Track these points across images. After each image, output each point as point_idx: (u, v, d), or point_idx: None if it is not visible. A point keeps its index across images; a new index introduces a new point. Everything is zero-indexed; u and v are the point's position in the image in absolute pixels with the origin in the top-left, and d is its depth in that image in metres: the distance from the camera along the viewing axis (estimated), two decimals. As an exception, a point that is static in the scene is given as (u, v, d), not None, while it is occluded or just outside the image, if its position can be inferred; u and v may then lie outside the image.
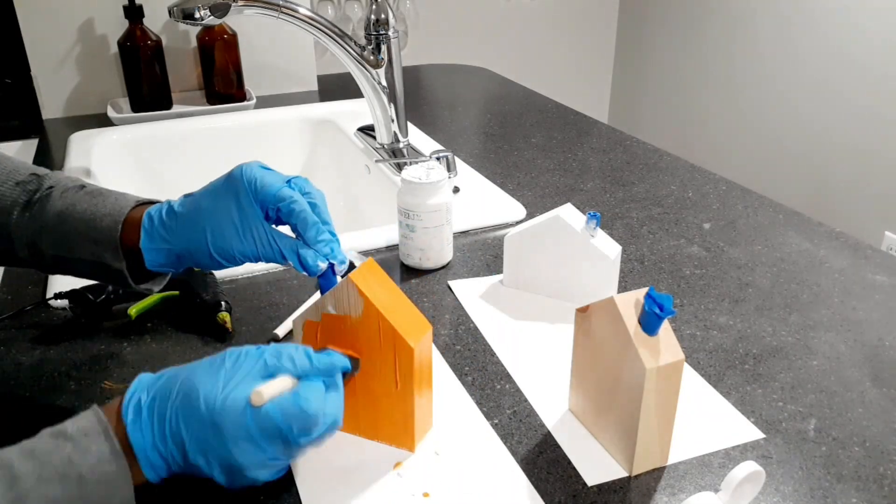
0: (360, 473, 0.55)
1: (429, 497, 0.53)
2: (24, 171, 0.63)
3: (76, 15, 1.35)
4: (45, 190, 0.61)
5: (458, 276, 0.83)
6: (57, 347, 0.70)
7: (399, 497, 0.53)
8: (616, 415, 0.55)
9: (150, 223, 0.59)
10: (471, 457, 0.57)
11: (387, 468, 0.56)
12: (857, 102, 2.25)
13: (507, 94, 1.57)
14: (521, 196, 1.02)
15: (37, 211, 0.60)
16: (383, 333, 0.54)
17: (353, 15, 2.51)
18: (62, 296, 0.73)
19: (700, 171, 1.12)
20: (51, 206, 0.60)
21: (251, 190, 0.57)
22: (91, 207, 0.59)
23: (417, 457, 0.57)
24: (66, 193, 0.61)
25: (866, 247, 0.88)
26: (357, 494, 0.53)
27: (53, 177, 0.63)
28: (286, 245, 0.58)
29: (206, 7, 0.87)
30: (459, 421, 0.61)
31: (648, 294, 0.51)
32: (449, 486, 0.54)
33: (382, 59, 1.07)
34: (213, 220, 0.58)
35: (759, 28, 2.55)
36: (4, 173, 0.62)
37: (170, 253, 0.59)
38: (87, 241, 0.59)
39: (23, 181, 0.61)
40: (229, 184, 0.58)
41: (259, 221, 0.57)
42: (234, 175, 0.58)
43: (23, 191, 0.61)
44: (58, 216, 0.59)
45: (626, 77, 3.27)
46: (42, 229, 0.60)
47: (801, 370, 0.67)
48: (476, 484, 0.54)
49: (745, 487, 0.48)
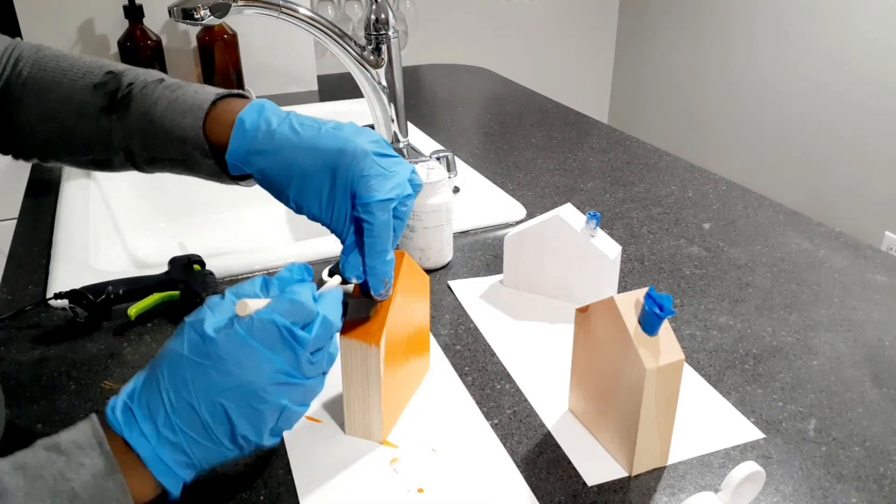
0: (356, 469, 0.55)
1: (423, 493, 0.53)
2: (99, 70, 0.61)
3: (76, 15, 1.35)
4: (126, 88, 0.59)
5: (458, 276, 0.83)
6: (57, 347, 0.70)
7: (394, 492, 0.53)
8: (616, 415, 0.55)
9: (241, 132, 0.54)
10: (467, 454, 0.57)
11: (383, 464, 0.56)
12: (858, 102, 2.25)
13: (507, 94, 1.57)
14: (521, 196, 1.02)
15: (122, 113, 0.58)
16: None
17: (353, 15, 2.51)
18: (62, 296, 0.73)
19: (700, 171, 1.12)
20: (134, 105, 0.58)
21: (352, 183, 0.52)
22: (171, 104, 0.57)
23: (413, 453, 0.57)
24: (146, 90, 0.59)
25: (866, 247, 0.88)
26: (352, 489, 0.53)
27: (131, 72, 0.60)
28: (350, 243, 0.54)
29: (206, 7, 0.87)
30: (457, 419, 0.61)
31: (648, 294, 0.51)
32: (443, 482, 0.54)
33: (382, 59, 1.07)
34: (304, 179, 0.53)
35: (758, 28, 2.55)
36: (80, 77, 0.60)
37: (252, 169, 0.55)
38: (174, 140, 0.57)
39: (100, 83, 0.60)
40: (337, 160, 0.52)
41: (346, 209, 0.53)
42: (346, 157, 0.52)
43: (102, 94, 0.59)
44: (142, 116, 0.58)
45: (626, 77, 3.27)
46: (131, 132, 0.58)
47: (801, 370, 0.67)
48: (470, 480, 0.55)
49: (745, 487, 0.48)
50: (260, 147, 0.54)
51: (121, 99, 0.59)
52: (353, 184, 0.52)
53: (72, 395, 0.63)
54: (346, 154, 0.52)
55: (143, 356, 0.69)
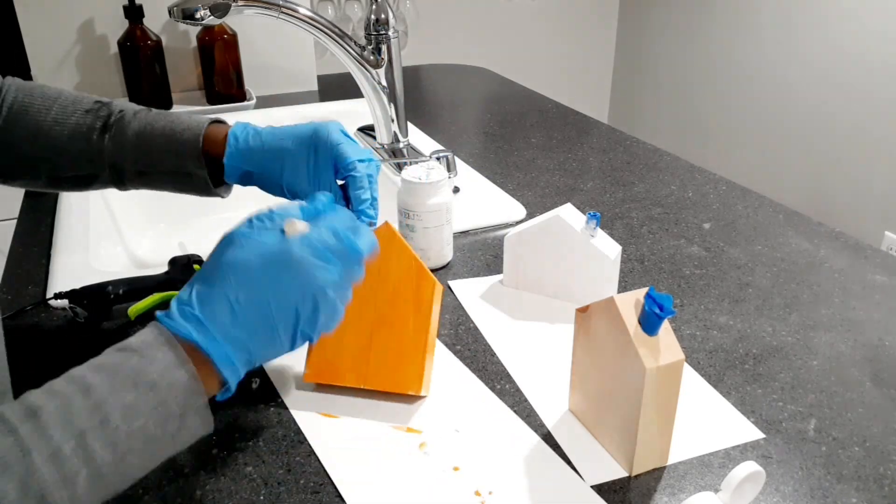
0: (388, 458, 0.56)
1: (459, 470, 0.55)
2: (87, 100, 0.70)
3: (76, 15, 1.35)
4: (118, 114, 0.69)
5: (458, 276, 0.83)
6: (57, 347, 0.70)
7: (431, 473, 0.55)
8: (616, 415, 0.55)
9: (235, 142, 0.68)
10: (490, 431, 0.59)
11: (412, 449, 0.57)
12: (858, 102, 2.26)
13: (507, 94, 1.57)
14: (521, 196, 1.02)
15: (115, 133, 0.68)
16: (409, 269, 0.60)
17: (353, 15, 2.51)
18: (62, 296, 0.73)
19: (700, 171, 1.12)
20: (129, 127, 0.68)
21: (331, 153, 0.66)
22: (170, 124, 0.68)
23: (438, 435, 0.58)
24: (139, 115, 0.69)
25: (866, 247, 0.88)
26: (391, 476, 0.55)
27: (118, 102, 0.71)
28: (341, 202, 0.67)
29: (206, 7, 0.87)
30: (472, 401, 0.63)
31: (648, 294, 0.51)
32: (476, 458, 0.56)
33: (382, 59, 1.07)
34: (294, 161, 0.66)
35: (758, 28, 2.55)
36: (70, 104, 0.69)
37: (247, 173, 0.68)
38: (170, 154, 0.68)
39: (91, 109, 0.69)
40: (314, 138, 0.66)
41: (330, 176, 0.66)
42: (320, 133, 0.66)
43: (95, 117, 0.69)
44: (137, 135, 0.68)
45: (626, 77, 3.27)
46: (123, 149, 0.68)
47: (801, 370, 0.67)
48: (501, 454, 0.56)
49: (745, 487, 0.48)
50: (252, 146, 0.68)
51: (115, 121, 0.69)
52: (333, 152, 0.65)
53: (72, 395, 0.63)
54: (319, 133, 0.66)
55: (143, 356, 0.69)
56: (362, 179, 0.65)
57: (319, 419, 0.60)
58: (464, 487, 0.53)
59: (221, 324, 0.46)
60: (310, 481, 0.54)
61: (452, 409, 0.62)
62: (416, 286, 0.61)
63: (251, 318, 0.46)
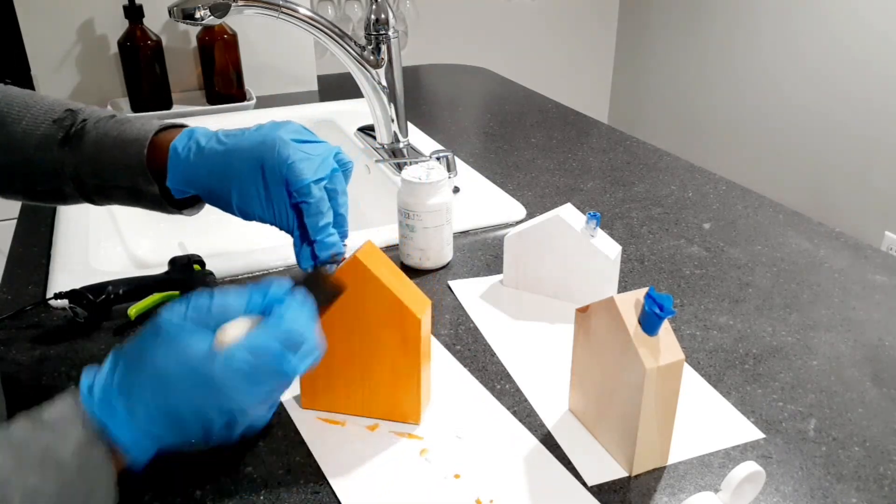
0: (389, 465, 0.56)
1: (460, 478, 0.54)
2: (59, 108, 0.65)
3: (76, 15, 1.35)
4: (80, 123, 0.63)
5: (458, 276, 0.83)
6: (57, 347, 0.70)
7: (432, 481, 0.54)
8: (616, 415, 0.55)
9: (176, 158, 0.60)
10: (492, 438, 0.58)
11: (413, 456, 0.57)
12: (858, 102, 2.26)
13: (507, 94, 1.57)
14: (521, 196, 1.02)
15: (74, 144, 0.62)
16: (390, 308, 0.56)
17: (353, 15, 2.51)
18: (62, 296, 0.73)
19: (700, 171, 1.12)
20: (87, 137, 0.62)
21: (281, 173, 0.57)
22: (121, 135, 0.62)
23: (440, 442, 0.58)
24: (98, 123, 0.63)
25: (866, 247, 0.88)
26: (391, 484, 0.54)
27: (87, 110, 0.65)
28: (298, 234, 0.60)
29: (206, 7, 0.87)
30: (473, 407, 0.62)
31: (648, 294, 0.51)
32: (477, 466, 0.56)
33: (382, 59, 1.07)
34: (240, 183, 0.58)
35: (759, 28, 2.55)
36: (41, 113, 0.64)
37: (196, 189, 0.61)
38: (120, 167, 0.61)
39: (59, 118, 0.63)
40: (260, 155, 0.58)
41: (283, 201, 0.58)
42: (267, 147, 0.58)
43: (59, 127, 0.63)
44: (93, 146, 0.62)
45: (626, 77, 3.28)
46: (81, 161, 0.62)
47: (801, 370, 0.67)
48: (502, 462, 0.56)
49: (745, 487, 0.48)
50: (194, 166, 0.59)
51: (74, 133, 0.63)
52: (282, 171, 0.57)
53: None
54: (266, 145, 0.57)
55: (143, 356, 0.69)
56: (318, 204, 0.58)
57: (320, 424, 0.60)
58: (465, 495, 0.53)
59: (137, 417, 0.44)
60: (310, 481, 0.54)
61: (454, 415, 0.61)
62: (399, 322, 0.56)
63: (166, 420, 0.45)
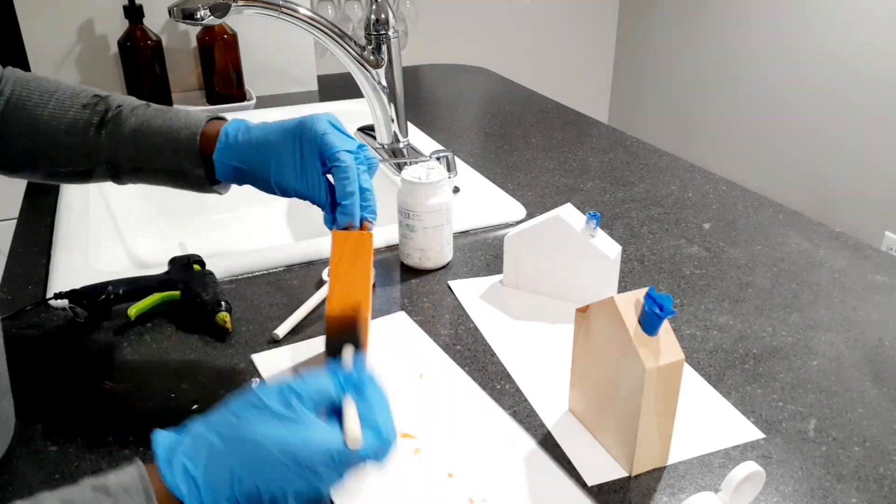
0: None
1: (453, 477, 0.55)
2: (85, 93, 0.70)
3: (76, 15, 1.35)
4: (115, 109, 0.68)
5: (458, 276, 0.83)
6: (57, 347, 0.70)
7: (425, 480, 0.54)
8: (616, 415, 0.55)
9: (225, 139, 0.66)
10: (485, 437, 0.59)
11: (407, 454, 0.57)
12: (858, 102, 2.25)
13: (507, 94, 1.57)
14: (521, 196, 1.02)
15: (111, 129, 0.68)
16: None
17: (353, 15, 2.51)
18: (62, 296, 0.73)
19: (700, 171, 1.12)
20: (125, 123, 0.68)
21: (316, 143, 0.64)
22: (167, 122, 0.68)
23: (434, 441, 0.58)
24: (136, 111, 0.69)
25: (866, 247, 0.88)
26: (384, 482, 0.54)
27: (117, 96, 0.70)
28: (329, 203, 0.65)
29: (206, 7, 0.87)
30: (467, 406, 0.62)
31: (648, 294, 0.51)
32: (470, 465, 0.56)
33: (382, 59, 1.07)
34: (279, 156, 0.65)
35: (759, 28, 2.55)
36: (67, 98, 0.69)
37: (237, 169, 0.66)
38: (167, 151, 0.67)
39: (89, 103, 0.69)
40: (299, 130, 0.65)
41: (317, 171, 0.64)
42: (306, 124, 0.65)
43: (92, 112, 0.68)
44: (134, 132, 0.67)
45: (626, 77, 3.27)
46: (119, 145, 0.68)
47: (801, 370, 0.67)
48: (495, 461, 0.56)
49: (745, 487, 0.48)
50: (241, 142, 0.66)
51: (111, 117, 0.68)
52: (318, 143, 0.63)
53: (72, 396, 0.63)
54: (305, 124, 0.65)
55: (143, 356, 0.69)
56: (347, 169, 0.63)
57: None
58: (458, 494, 0.53)
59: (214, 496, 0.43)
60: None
61: (449, 414, 0.61)
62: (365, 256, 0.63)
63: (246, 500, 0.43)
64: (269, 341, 0.71)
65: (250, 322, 0.74)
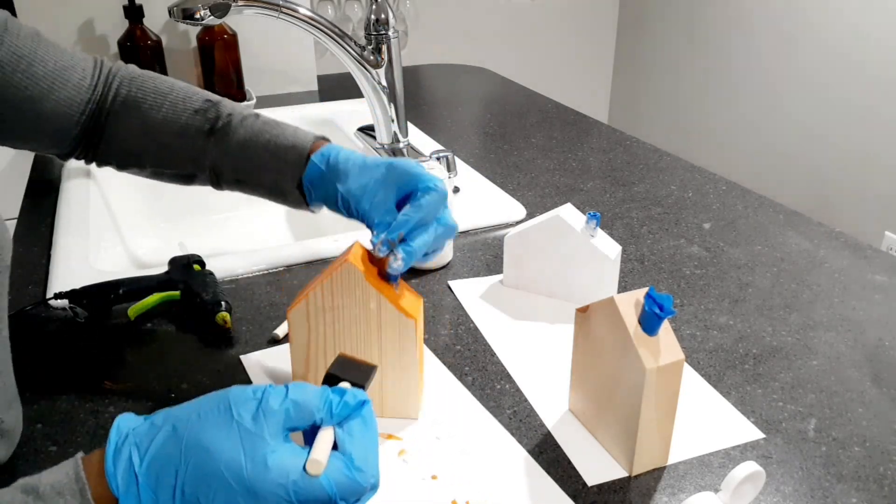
0: None
1: (437, 479, 0.54)
2: (197, 97, 0.70)
3: (76, 15, 1.35)
4: (226, 118, 0.69)
5: (458, 276, 0.83)
6: (57, 347, 0.70)
7: (409, 482, 0.54)
8: (616, 415, 0.55)
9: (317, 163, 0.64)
10: (471, 441, 0.58)
11: (391, 456, 0.57)
12: (857, 102, 2.26)
13: (507, 94, 1.57)
14: (521, 196, 1.02)
15: (220, 137, 0.68)
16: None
17: (353, 15, 2.51)
18: (62, 296, 0.73)
19: (700, 171, 1.12)
20: (233, 134, 0.68)
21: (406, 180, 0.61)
22: (274, 139, 0.67)
23: (419, 443, 0.58)
24: (245, 122, 0.68)
25: (866, 247, 0.88)
26: None
27: (227, 104, 0.71)
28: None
29: (206, 7, 0.87)
30: (455, 409, 0.62)
31: (648, 294, 0.51)
32: (454, 468, 0.56)
33: (382, 59, 1.07)
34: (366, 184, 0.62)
35: (759, 28, 2.55)
36: (179, 101, 0.70)
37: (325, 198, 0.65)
38: (271, 169, 0.67)
39: (201, 109, 0.69)
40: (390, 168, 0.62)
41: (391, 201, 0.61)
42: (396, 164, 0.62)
43: (204, 118, 0.69)
44: (241, 145, 0.67)
45: (626, 77, 3.27)
46: (225, 155, 0.68)
47: (801, 370, 0.67)
48: (479, 465, 0.56)
49: (745, 487, 0.48)
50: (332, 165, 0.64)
51: (221, 126, 0.68)
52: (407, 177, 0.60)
53: (72, 396, 0.63)
54: (395, 164, 0.62)
55: (143, 356, 0.69)
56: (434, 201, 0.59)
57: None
58: (441, 496, 0.53)
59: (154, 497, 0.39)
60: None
61: (435, 416, 0.61)
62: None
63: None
64: (270, 341, 0.71)
65: (250, 322, 0.74)
